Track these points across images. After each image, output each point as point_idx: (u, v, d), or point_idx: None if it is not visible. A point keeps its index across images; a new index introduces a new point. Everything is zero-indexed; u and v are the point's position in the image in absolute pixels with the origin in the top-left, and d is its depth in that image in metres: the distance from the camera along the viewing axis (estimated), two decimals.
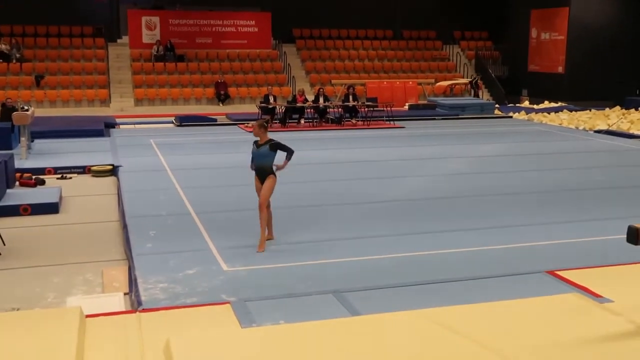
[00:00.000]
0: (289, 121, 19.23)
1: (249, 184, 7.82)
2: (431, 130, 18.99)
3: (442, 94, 25.31)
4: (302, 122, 19.35)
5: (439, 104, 23.04)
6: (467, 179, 11.90)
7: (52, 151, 14.20)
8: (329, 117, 19.77)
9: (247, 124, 18.40)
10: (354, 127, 19.20)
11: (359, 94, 21.28)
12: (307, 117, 19.49)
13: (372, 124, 19.49)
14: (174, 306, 5.87)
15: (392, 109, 20.34)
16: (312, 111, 19.53)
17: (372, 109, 19.85)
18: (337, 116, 19.74)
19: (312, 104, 19.47)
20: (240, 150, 13.32)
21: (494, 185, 11.36)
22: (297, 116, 19.45)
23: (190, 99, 23.58)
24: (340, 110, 19.94)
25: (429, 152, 14.90)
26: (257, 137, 7.58)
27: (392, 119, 20.04)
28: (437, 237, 8.11)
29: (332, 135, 17.78)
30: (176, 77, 24.09)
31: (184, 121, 19.51)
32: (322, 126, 19.24)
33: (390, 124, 19.73)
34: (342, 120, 19.58)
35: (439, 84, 25.49)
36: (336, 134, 18.06)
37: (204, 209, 9.33)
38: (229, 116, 20.86)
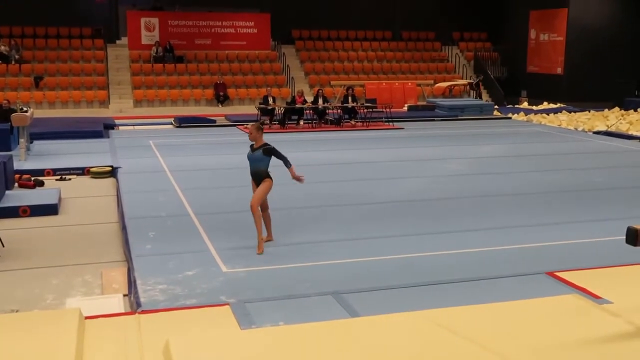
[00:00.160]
0: (288, 122, 19.24)
1: (248, 185, 7.82)
2: (430, 131, 18.99)
3: (441, 95, 25.32)
4: (301, 123, 19.35)
5: (438, 105, 23.05)
6: (467, 180, 11.91)
7: (51, 152, 14.20)
8: (328, 118, 19.77)
9: (246, 125, 18.39)
10: (353, 128, 19.20)
11: (358, 95, 21.28)
12: (306, 118, 19.49)
13: (371, 125, 19.49)
14: (173, 307, 5.87)
15: (391, 110, 20.34)
16: (311, 112, 19.53)
17: (371, 110, 19.86)
18: (336, 117, 19.74)
19: (311, 105, 19.47)
20: (239, 151, 13.27)
21: (493, 186, 11.36)
22: (296, 117, 19.45)
23: (189, 100, 23.58)
24: (339, 111, 19.94)
25: (428, 153, 14.90)
26: (253, 140, 7.59)
27: (391, 120, 20.05)
28: (436, 239, 8.11)
29: (331, 136, 17.79)
30: (175, 78, 24.08)
31: (183, 122, 19.51)
32: (321, 127, 19.24)
33: (389, 125, 19.73)
34: (341, 121, 19.59)
35: (438, 85, 25.50)
36: (335, 135, 18.07)
37: (203, 210, 9.34)
38: (228, 117, 20.86)
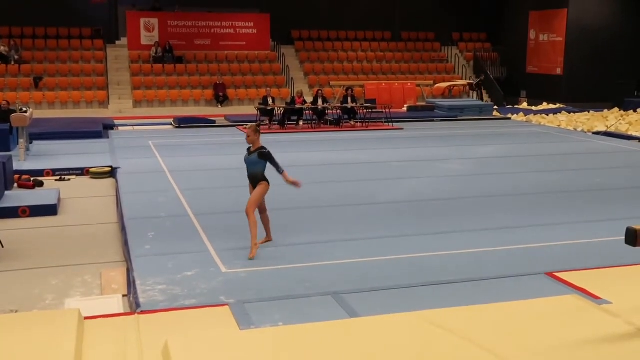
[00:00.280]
0: (288, 123, 19.23)
1: (247, 185, 7.81)
2: (430, 131, 18.99)
3: (440, 95, 25.32)
4: (301, 123, 19.35)
5: (437, 105, 23.04)
6: (466, 180, 11.91)
7: (50, 153, 14.19)
8: (328, 119, 19.76)
9: (245, 125, 18.35)
10: (353, 129, 19.20)
11: (357, 96, 21.28)
12: (305, 118, 19.48)
13: (371, 126, 19.50)
14: (172, 308, 5.87)
15: (391, 111, 20.34)
16: (311, 113, 19.53)
17: (370, 111, 19.86)
18: (335, 118, 19.74)
19: (310, 105, 19.47)
20: (239, 151, 13.16)
21: (493, 186, 11.36)
22: (295, 118, 19.44)
23: (188, 100, 23.58)
24: (338, 111, 19.94)
25: (427, 153, 14.90)
26: (251, 143, 7.53)
27: (391, 120, 20.05)
28: (436, 239, 8.11)
29: (331, 136, 17.79)
30: (175, 79, 24.08)
31: (182, 123, 19.50)
32: (321, 128, 19.24)
33: (388, 126, 19.73)
34: (341, 121, 19.59)
35: (437, 85, 25.51)
36: (335, 135, 18.07)
37: (202, 211, 9.34)
38: (227, 118, 20.87)
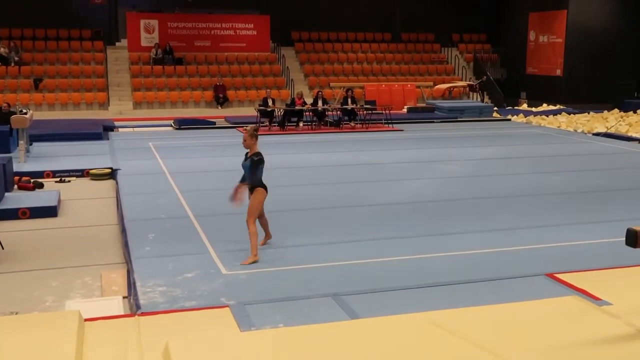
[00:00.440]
0: (288, 124, 19.23)
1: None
2: (430, 133, 18.99)
3: (440, 96, 25.31)
4: (301, 125, 19.35)
5: (437, 106, 23.04)
6: (466, 181, 11.91)
7: (50, 154, 14.19)
8: (328, 120, 19.76)
9: (246, 127, 18.35)
10: (353, 130, 19.19)
11: (357, 97, 21.28)
12: (305, 120, 19.49)
13: (371, 127, 19.49)
14: (172, 310, 5.87)
15: (391, 112, 20.33)
16: (311, 114, 19.53)
17: (370, 112, 19.85)
18: (335, 119, 19.74)
19: (310, 107, 19.47)
20: (239, 153, 13.09)
21: (493, 188, 11.37)
22: (295, 119, 19.44)
23: (189, 102, 23.58)
24: (338, 113, 19.94)
25: (427, 155, 14.90)
26: (248, 148, 7.41)
27: (391, 121, 20.04)
28: (436, 240, 8.11)
29: (331, 138, 17.79)
30: (175, 80, 24.08)
31: (182, 124, 19.50)
32: (321, 129, 19.24)
33: (388, 127, 19.73)
34: (341, 123, 19.58)
35: (437, 86, 25.51)
36: (335, 136, 18.07)
37: (202, 212, 9.33)
38: (227, 119, 20.86)
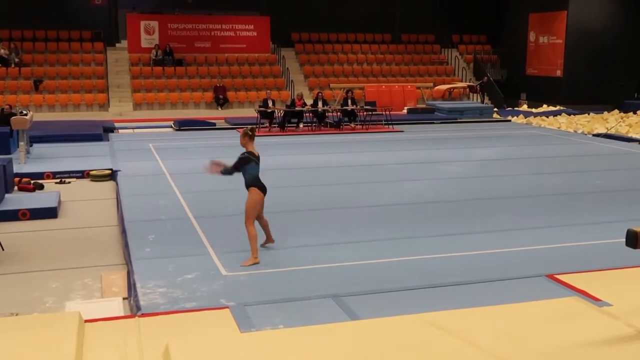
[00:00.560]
0: (288, 125, 19.23)
1: None
2: (430, 134, 18.99)
3: (440, 97, 25.31)
4: (301, 126, 19.35)
5: (437, 107, 23.05)
6: (466, 182, 11.91)
7: (50, 156, 14.19)
8: (328, 121, 19.76)
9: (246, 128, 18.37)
10: (353, 131, 19.19)
11: (357, 98, 21.29)
12: (305, 121, 19.49)
13: (371, 128, 19.49)
14: (173, 311, 5.87)
15: (391, 113, 20.33)
16: (311, 115, 19.53)
17: (370, 113, 19.85)
18: (335, 120, 19.74)
19: (310, 108, 19.48)
20: (239, 154, 13.30)
21: (493, 189, 11.37)
22: (295, 120, 19.44)
23: (189, 103, 23.58)
24: (339, 114, 19.95)
25: (427, 156, 14.89)
26: (243, 146, 7.46)
27: (391, 122, 20.04)
28: (436, 241, 8.11)
29: (331, 139, 17.79)
30: (175, 82, 24.09)
31: (182, 125, 19.50)
32: (321, 130, 19.24)
33: (389, 128, 19.73)
34: (341, 124, 19.59)
35: (437, 87, 25.51)
36: (335, 138, 18.07)
37: (203, 214, 9.34)
38: (227, 120, 20.85)
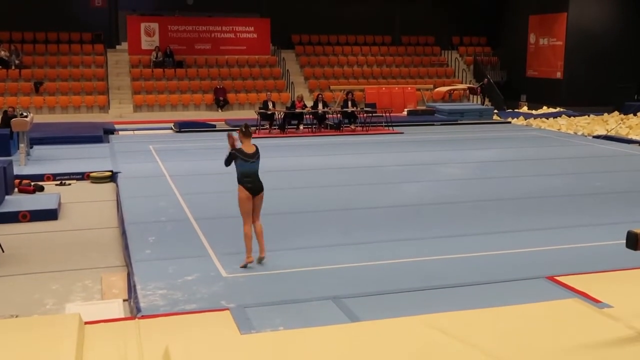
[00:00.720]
0: (288, 127, 19.23)
1: None
2: (430, 135, 19.00)
3: (440, 99, 25.32)
4: (301, 128, 19.36)
5: (437, 109, 23.05)
6: (466, 184, 11.91)
7: (51, 157, 14.19)
8: (328, 123, 19.77)
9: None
10: (353, 133, 19.20)
11: (357, 100, 21.30)
12: (306, 123, 19.50)
13: (371, 130, 19.49)
14: (173, 312, 5.87)
15: (391, 115, 20.35)
16: (311, 117, 19.54)
17: (370, 115, 19.86)
18: (336, 122, 19.74)
19: (311, 109, 19.49)
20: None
21: (493, 190, 11.37)
22: (296, 122, 19.46)
23: (189, 105, 23.58)
24: (339, 116, 19.95)
25: (427, 157, 14.89)
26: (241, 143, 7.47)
27: (391, 124, 20.05)
28: (437, 243, 8.11)
29: (331, 141, 17.79)
30: (175, 83, 24.10)
31: (183, 127, 19.51)
32: (321, 132, 19.24)
33: (389, 130, 19.73)
34: (341, 126, 19.59)
35: (437, 89, 25.51)
36: (335, 139, 18.07)
37: (203, 215, 9.33)
38: (228, 122, 20.83)
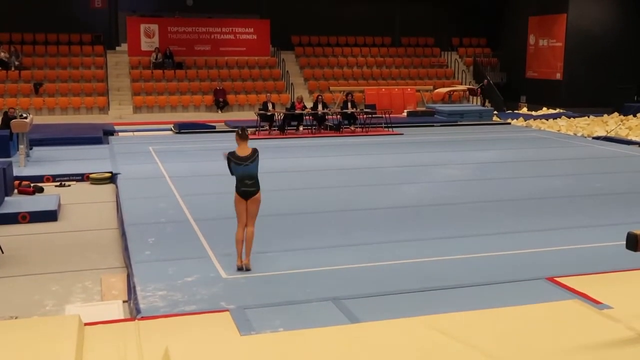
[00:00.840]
0: (288, 128, 19.24)
1: None
2: (430, 137, 19.00)
3: (440, 100, 25.33)
4: (301, 129, 19.36)
5: (437, 110, 23.07)
6: (466, 185, 11.91)
7: (50, 159, 14.19)
8: (328, 124, 19.78)
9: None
10: (353, 134, 19.21)
11: (357, 101, 21.31)
12: (305, 124, 19.51)
13: (371, 131, 19.50)
14: (173, 314, 5.86)
15: (391, 116, 20.36)
16: (311, 118, 19.55)
17: (370, 116, 19.87)
18: (335, 123, 19.75)
19: (310, 111, 19.49)
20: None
21: (493, 191, 11.37)
22: (295, 123, 19.47)
23: (189, 106, 23.58)
24: (338, 117, 19.96)
25: (427, 159, 14.90)
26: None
27: (391, 125, 20.06)
28: (436, 244, 8.11)
29: (331, 142, 17.79)
30: (175, 85, 24.10)
31: (182, 128, 19.51)
32: (321, 133, 19.25)
33: (388, 131, 19.74)
34: (341, 127, 19.59)
35: (437, 90, 25.53)
36: (335, 141, 18.07)
37: (202, 216, 9.32)
38: (227, 123, 20.85)
